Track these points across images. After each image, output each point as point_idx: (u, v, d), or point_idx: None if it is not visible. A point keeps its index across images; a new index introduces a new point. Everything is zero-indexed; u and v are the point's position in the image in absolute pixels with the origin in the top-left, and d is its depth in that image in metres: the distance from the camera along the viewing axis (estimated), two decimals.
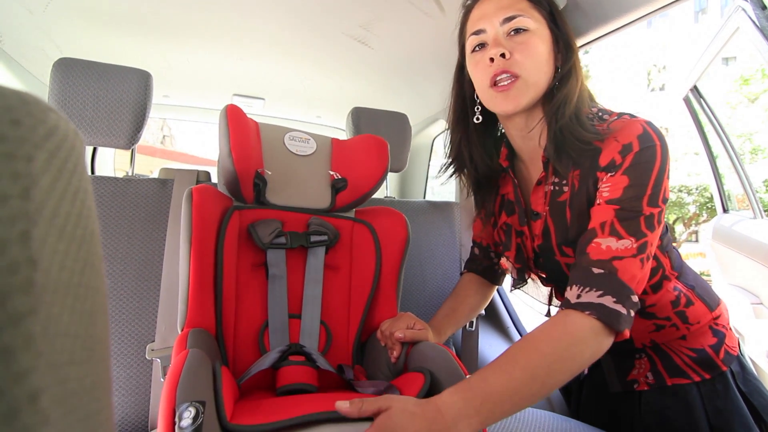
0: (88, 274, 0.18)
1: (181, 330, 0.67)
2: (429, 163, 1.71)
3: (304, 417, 0.53)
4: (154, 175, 1.08)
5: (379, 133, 0.96)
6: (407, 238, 0.86)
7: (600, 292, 0.55)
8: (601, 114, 0.64)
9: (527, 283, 0.82)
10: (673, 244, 0.73)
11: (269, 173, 0.82)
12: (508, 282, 0.88)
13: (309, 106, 1.72)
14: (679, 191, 9.48)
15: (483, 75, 0.65)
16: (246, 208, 0.79)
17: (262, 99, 1.61)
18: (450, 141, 0.79)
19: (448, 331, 0.82)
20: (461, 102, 0.76)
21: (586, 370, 0.87)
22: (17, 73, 1.13)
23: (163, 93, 1.56)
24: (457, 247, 1.24)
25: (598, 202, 0.60)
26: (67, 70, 0.87)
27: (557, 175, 0.67)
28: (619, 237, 0.56)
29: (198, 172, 1.01)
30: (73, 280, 0.17)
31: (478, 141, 0.76)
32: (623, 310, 0.54)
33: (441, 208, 1.26)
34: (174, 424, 0.46)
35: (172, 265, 0.87)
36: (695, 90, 1.54)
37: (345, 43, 1.14)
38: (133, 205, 0.91)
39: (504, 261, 0.88)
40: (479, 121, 0.73)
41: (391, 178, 1.87)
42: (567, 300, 0.57)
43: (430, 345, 0.71)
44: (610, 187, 0.59)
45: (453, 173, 0.81)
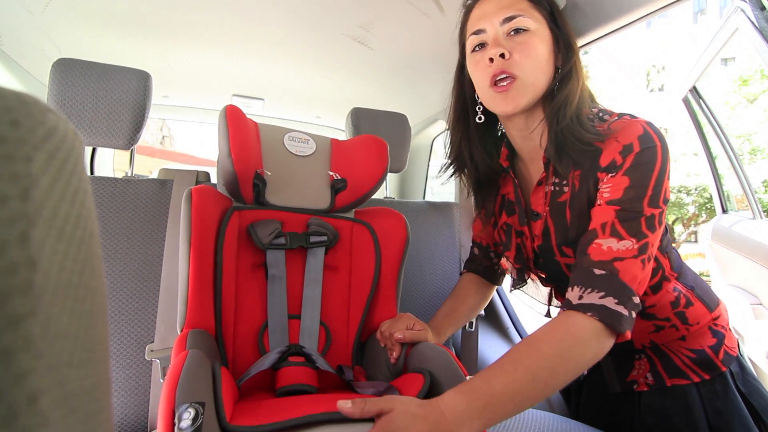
0: (88, 275, 0.18)
1: (181, 331, 0.67)
2: (428, 164, 1.71)
3: (304, 418, 0.53)
4: (154, 175, 1.08)
5: (378, 134, 0.96)
6: (407, 238, 0.86)
7: (602, 293, 0.54)
8: (601, 114, 0.64)
9: (527, 283, 0.82)
10: (672, 245, 0.73)
11: (269, 174, 0.82)
12: (508, 282, 0.88)
13: (308, 107, 1.71)
14: (679, 192, 9.49)
15: (483, 75, 0.65)
16: (245, 209, 0.79)
17: (262, 99, 1.61)
18: (450, 141, 0.79)
19: (448, 332, 0.82)
20: (462, 102, 0.76)
21: (585, 371, 0.87)
22: (16, 74, 1.13)
23: (162, 93, 1.56)
24: (457, 248, 1.24)
25: (598, 202, 0.60)
26: (67, 71, 0.87)
27: (557, 176, 0.67)
28: (620, 238, 0.56)
29: (197, 172, 1.00)
30: (72, 281, 0.17)
31: (478, 141, 0.75)
32: (625, 312, 0.54)
33: (441, 209, 1.26)
34: (173, 425, 0.46)
35: (171, 265, 0.87)
36: (694, 91, 1.54)
37: (345, 44, 1.14)
38: (133, 205, 0.91)
39: (504, 261, 0.88)
40: (481, 121, 0.73)
41: (391, 178, 1.87)
42: (568, 301, 0.57)
43: (429, 346, 0.71)
44: (611, 187, 0.59)
45: (453, 173, 0.80)
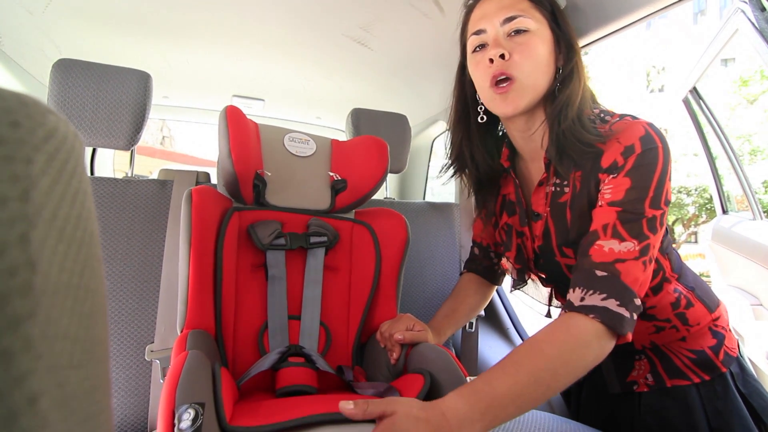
0: (88, 276, 0.18)
1: (181, 331, 0.67)
2: (429, 164, 1.71)
3: (304, 419, 0.53)
4: (154, 176, 1.08)
5: (378, 134, 0.96)
6: (407, 239, 0.86)
7: (603, 295, 0.54)
8: (602, 115, 0.64)
9: (527, 283, 0.82)
10: (672, 246, 0.73)
11: (269, 174, 0.82)
12: (508, 283, 0.88)
13: (309, 107, 1.71)
14: (679, 192, 9.49)
15: (483, 75, 0.65)
16: (245, 209, 0.79)
17: (262, 100, 1.61)
18: (451, 141, 0.79)
19: (448, 332, 0.82)
20: (463, 102, 0.76)
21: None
22: (16, 74, 1.13)
23: (162, 94, 1.56)
24: (457, 248, 1.24)
25: (599, 203, 0.60)
26: (67, 71, 0.87)
27: (558, 176, 0.67)
28: (621, 239, 0.56)
29: (197, 173, 1.00)
30: (72, 282, 0.17)
31: (479, 141, 0.75)
32: (626, 314, 0.54)
33: (441, 210, 1.26)
34: (173, 425, 0.46)
35: (171, 266, 0.87)
36: (694, 91, 1.54)
37: (345, 44, 1.14)
38: (133, 206, 0.91)
39: (504, 261, 0.88)
40: (483, 121, 0.73)
41: (391, 179, 1.87)
42: (570, 302, 0.57)
43: (429, 346, 0.70)
44: (612, 188, 0.58)
45: (454, 173, 0.80)
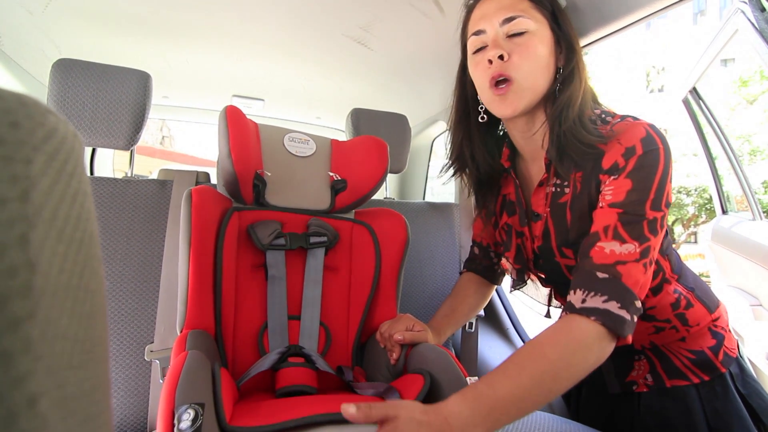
0: (87, 277, 0.18)
1: (180, 331, 0.67)
2: (428, 164, 1.71)
3: (303, 419, 0.53)
4: (154, 175, 1.08)
5: (378, 135, 0.96)
6: (407, 239, 0.86)
7: (605, 297, 0.54)
8: (604, 116, 0.64)
9: (526, 284, 0.82)
10: (672, 246, 0.73)
11: (269, 174, 0.82)
12: (508, 283, 0.88)
13: (308, 107, 1.71)
14: (678, 192, 9.50)
15: (482, 76, 0.65)
16: (245, 209, 0.79)
17: (262, 100, 1.61)
18: (451, 141, 0.79)
19: (448, 332, 0.82)
20: (463, 102, 0.75)
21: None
22: (16, 74, 1.13)
23: (162, 94, 1.56)
24: (457, 249, 1.24)
25: (600, 205, 0.60)
26: (67, 71, 0.87)
27: (558, 177, 0.67)
28: (622, 241, 0.56)
29: (197, 173, 1.00)
30: (72, 282, 0.17)
31: (480, 141, 0.75)
32: (627, 316, 0.54)
33: (440, 210, 1.26)
34: (173, 426, 0.46)
35: (171, 266, 0.87)
36: (694, 91, 1.54)
37: (345, 44, 1.14)
38: (132, 206, 0.91)
39: (504, 261, 0.88)
40: (483, 121, 0.73)
41: (391, 179, 1.87)
42: (571, 304, 0.56)
43: (429, 347, 0.70)
44: (613, 190, 0.58)
45: (454, 173, 0.80)
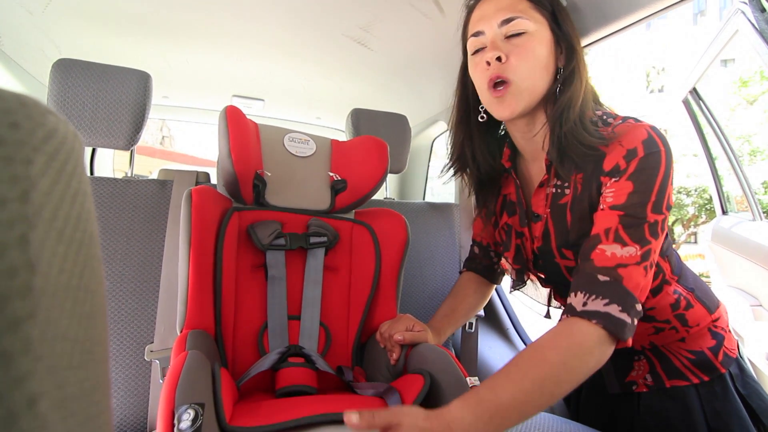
0: (87, 277, 0.18)
1: (180, 331, 0.67)
2: (429, 165, 1.71)
3: (304, 419, 0.53)
4: (154, 176, 1.08)
5: (378, 135, 0.96)
6: (407, 239, 0.86)
7: (606, 300, 0.54)
8: (605, 117, 0.63)
9: (526, 284, 0.82)
10: (672, 246, 0.73)
11: (269, 174, 0.82)
12: (508, 283, 0.88)
13: (308, 108, 1.71)
14: (678, 192, 9.50)
15: (481, 78, 0.65)
16: (245, 210, 0.79)
17: (262, 100, 1.61)
18: (452, 141, 0.79)
19: (448, 331, 0.82)
20: (465, 102, 0.75)
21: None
22: (16, 74, 1.13)
23: (162, 94, 1.56)
24: (457, 249, 1.24)
25: (601, 207, 0.60)
26: (67, 71, 0.87)
27: (559, 178, 0.67)
28: (623, 244, 0.56)
29: (197, 173, 1.00)
30: (71, 283, 0.17)
31: (480, 141, 0.75)
32: (628, 319, 0.54)
33: (440, 210, 1.26)
34: (173, 426, 0.46)
35: (171, 266, 0.87)
36: (694, 92, 1.54)
37: (345, 45, 1.14)
38: (132, 206, 0.91)
39: (504, 261, 0.88)
40: (483, 120, 0.73)
41: (391, 179, 1.87)
42: (572, 307, 0.56)
43: (429, 347, 0.70)
44: (614, 192, 0.58)
45: (455, 173, 0.80)
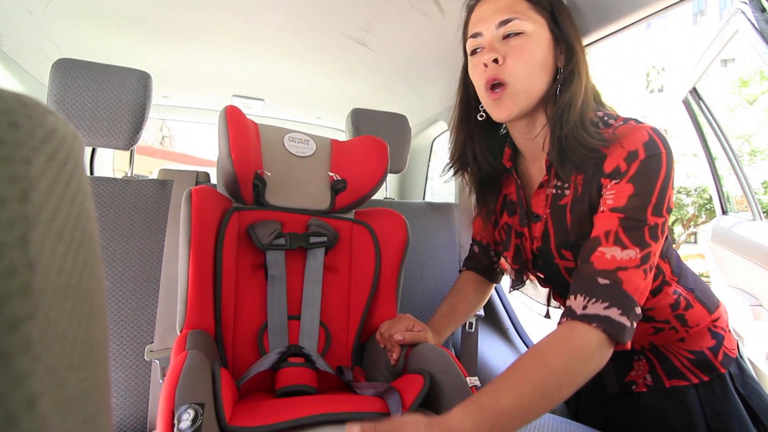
0: (87, 277, 0.18)
1: (180, 331, 0.67)
2: (429, 164, 1.71)
3: (304, 419, 0.53)
4: (153, 175, 1.08)
5: (378, 135, 0.96)
6: (407, 239, 0.86)
7: (606, 303, 0.54)
8: (606, 118, 0.63)
9: (525, 284, 0.82)
10: (672, 247, 0.72)
11: (269, 174, 0.82)
12: (507, 283, 0.88)
13: (308, 107, 1.71)
14: (678, 192, 9.50)
15: (479, 79, 0.65)
16: (245, 209, 0.79)
17: (262, 100, 1.61)
18: (453, 141, 0.79)
19: (448, 331, 0.82)
20: (466, 102, 0.75)
21: None
22: (16, 74, 1.13)
23: (162, 94, 1.56)
24: (457, 249, 1.24)
25: (601, 209, 0.59)
26: (66, 71, 0.87)
27: (559, 179, 0.67)
28: (623, 247, 0.56)
29: (197, 173, 1.00)
30: (71, 283, 0.17)
31: (481, 140, 0.75)
32: (628, 323, 0.54)
33: (440, 210, 1.26)
34: (173, 426, 0.46)
35: (171, 266, 0.87)
36: (694, 92, 1.54)
37: (345, 45, 1.14)
38: (132, 205, 0.91)
39: (503, 261, 0.88)
40: (483, 119, 0.73)
41: (391, 179, 1.87)
42: (572, 310, 0.56)
43: (429, 347, 0.70)
44: (615, 194, 0.58)
45: (456, 173, 0.80)
